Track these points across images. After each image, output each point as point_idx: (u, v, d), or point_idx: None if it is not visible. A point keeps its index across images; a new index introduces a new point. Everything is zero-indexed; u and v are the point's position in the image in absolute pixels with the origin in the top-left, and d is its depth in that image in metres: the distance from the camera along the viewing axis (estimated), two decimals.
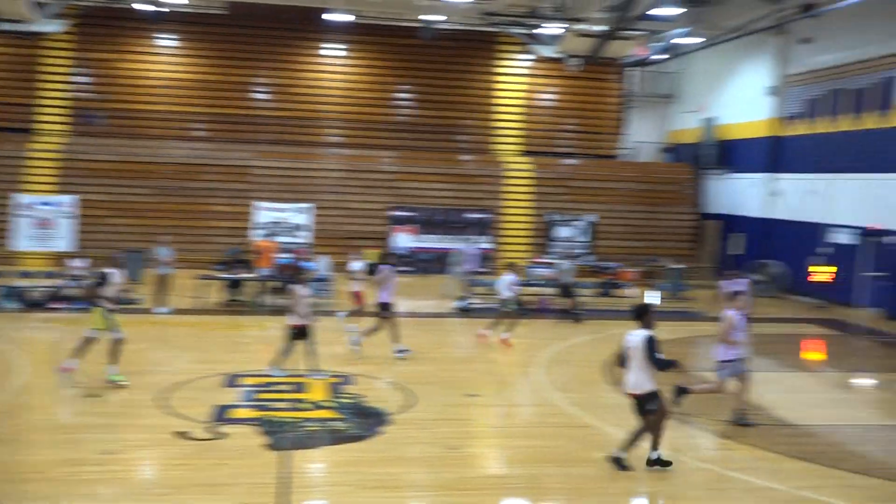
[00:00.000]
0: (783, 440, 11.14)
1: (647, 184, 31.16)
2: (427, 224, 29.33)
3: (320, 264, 22.39)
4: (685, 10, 26.78)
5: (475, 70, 31.67)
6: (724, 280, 14.92)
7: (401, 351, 15.20)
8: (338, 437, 10.59)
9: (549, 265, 24.05)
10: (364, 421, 11.27)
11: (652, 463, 9.54)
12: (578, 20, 25.39)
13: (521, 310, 17.53)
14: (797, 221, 27.03)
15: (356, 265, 18.28)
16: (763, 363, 14.53)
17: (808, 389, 14.64)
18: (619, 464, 9.54)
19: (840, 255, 24.74)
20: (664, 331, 19.04)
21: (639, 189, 30.97)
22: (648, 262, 28.82)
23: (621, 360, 9.66)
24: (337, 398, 12.37)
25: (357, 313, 17.64)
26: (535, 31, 27.12)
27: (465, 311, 21.01)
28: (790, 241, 27.10)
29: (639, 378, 9.37)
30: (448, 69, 31.32)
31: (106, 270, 12.84)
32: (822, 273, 24.57)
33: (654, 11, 24.46)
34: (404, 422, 11.36)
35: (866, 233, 23.88)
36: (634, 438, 9.57)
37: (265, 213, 27.76)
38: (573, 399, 13.00)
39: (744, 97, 30.03)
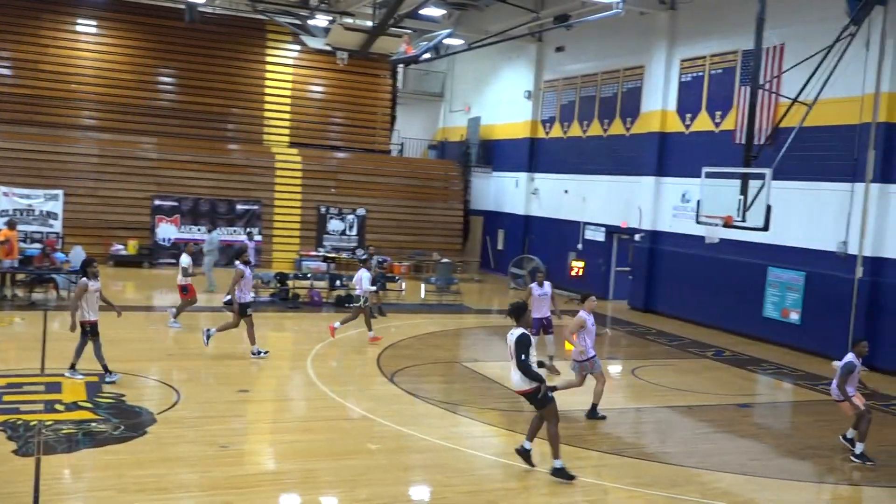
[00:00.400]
0: (543, 425, 11.72)
1: (416, 179, 31.76)
2: (192, 214, 28.14)
3: (73, 255, 20.89)
4: (447, 12, 27.53)
5: (244, 58, 30.77)
6: (533, 283, 15.75)
7: (258, 353, 14.80)
8: (96, 440, 9.90)
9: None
10: (126, 421, 10.62)
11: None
12: (346, 14, 25.37)
13: (368, 305, 17.32)
14: (554, 219, 28.70)
15: (185, 260, 17.46)
16: None
17: (565, 376, 15.49)
18: (526, 457, 9.62)
19: (594, 252, 26.58)
20: (434, 323, 19.69)
21: (408, 184, 31.49)
22: (417, 255, 29.49)
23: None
24: (96, 398, 11.57)
25: (184, 306, 17.42)
26: (303, 21, 26.75)
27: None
28: (548, 238, 28.75)
29: (519, 376, 9.40)
30: (215, 55, 30.20)
31: None
32: (578, 268, 26.34)
33: (421, 11, 24.93)
34: (170, 421, 10.84)
35: (615, 230, 25.80)
36: (535, 431, 9.71)
37: (9, 199, 25.40)
38: (346, 391, 13.02)
39: (506, 99, 31.45)
